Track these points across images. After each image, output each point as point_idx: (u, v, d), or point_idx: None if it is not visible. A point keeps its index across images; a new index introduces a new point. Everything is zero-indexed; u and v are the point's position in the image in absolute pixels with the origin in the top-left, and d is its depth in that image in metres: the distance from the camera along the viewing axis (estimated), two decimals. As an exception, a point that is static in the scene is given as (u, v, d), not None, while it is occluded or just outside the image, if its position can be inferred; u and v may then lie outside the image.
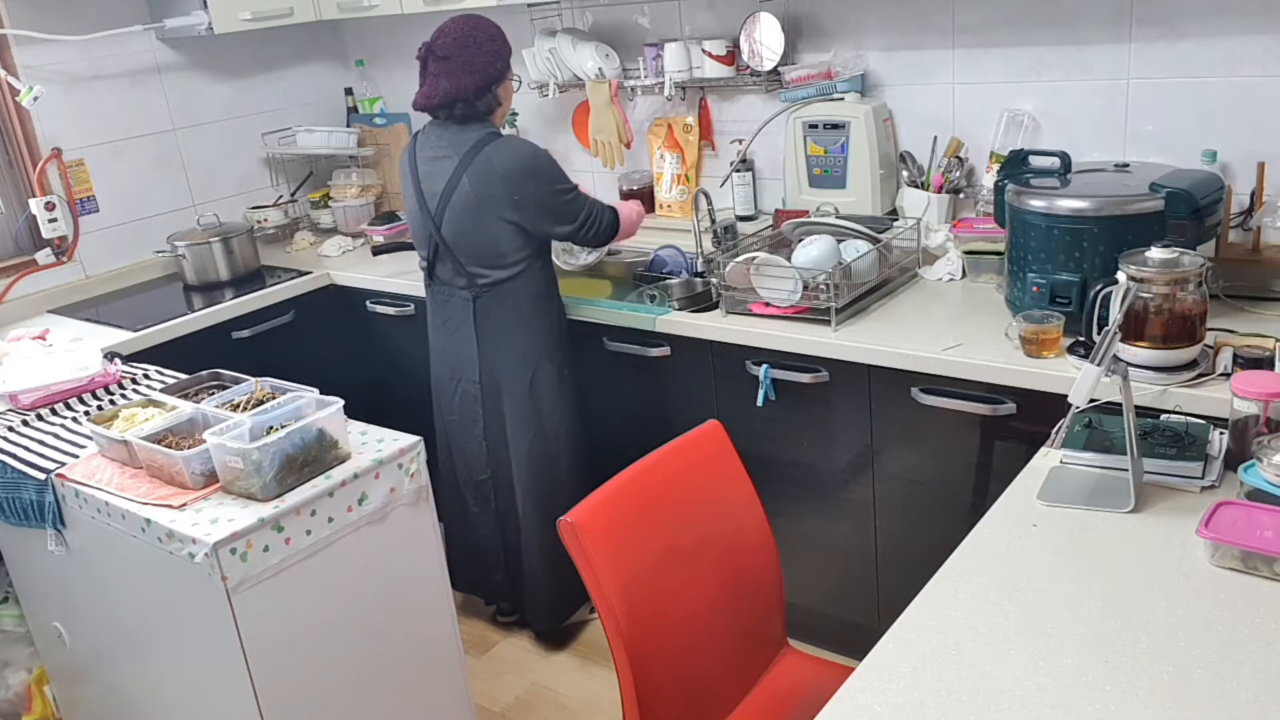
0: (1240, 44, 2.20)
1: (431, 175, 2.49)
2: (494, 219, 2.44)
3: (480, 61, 2.43)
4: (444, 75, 2.42)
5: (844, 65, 2.72)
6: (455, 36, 2.42)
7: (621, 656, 1.58)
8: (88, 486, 1.93)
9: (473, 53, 2.42)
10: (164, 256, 3.34)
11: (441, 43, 2.42)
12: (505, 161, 2.41)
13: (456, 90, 2.41)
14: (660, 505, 1.74)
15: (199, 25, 3.17)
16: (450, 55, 2.41)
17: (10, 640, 2.54)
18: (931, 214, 2.62)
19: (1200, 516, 1.45)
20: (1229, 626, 1.30)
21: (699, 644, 1.74)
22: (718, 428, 1.89)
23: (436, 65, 2.43)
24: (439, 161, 2.47)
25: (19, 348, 2.66)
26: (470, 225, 2.45)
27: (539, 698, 2.68)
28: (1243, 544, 1.38)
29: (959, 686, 1.24)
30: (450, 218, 2.46)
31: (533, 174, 2.44)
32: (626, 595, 1.60)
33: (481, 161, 2.41)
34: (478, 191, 2.41)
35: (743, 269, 2.41)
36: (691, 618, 1.73)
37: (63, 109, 3.17)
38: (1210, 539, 1.41)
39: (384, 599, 2.02)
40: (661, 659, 1.65)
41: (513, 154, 2.43)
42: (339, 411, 1.94)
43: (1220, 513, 1.45)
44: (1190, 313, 1.80)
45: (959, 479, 2.21)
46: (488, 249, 2.48)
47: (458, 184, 2.43)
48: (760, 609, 1.89)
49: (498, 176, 2.40)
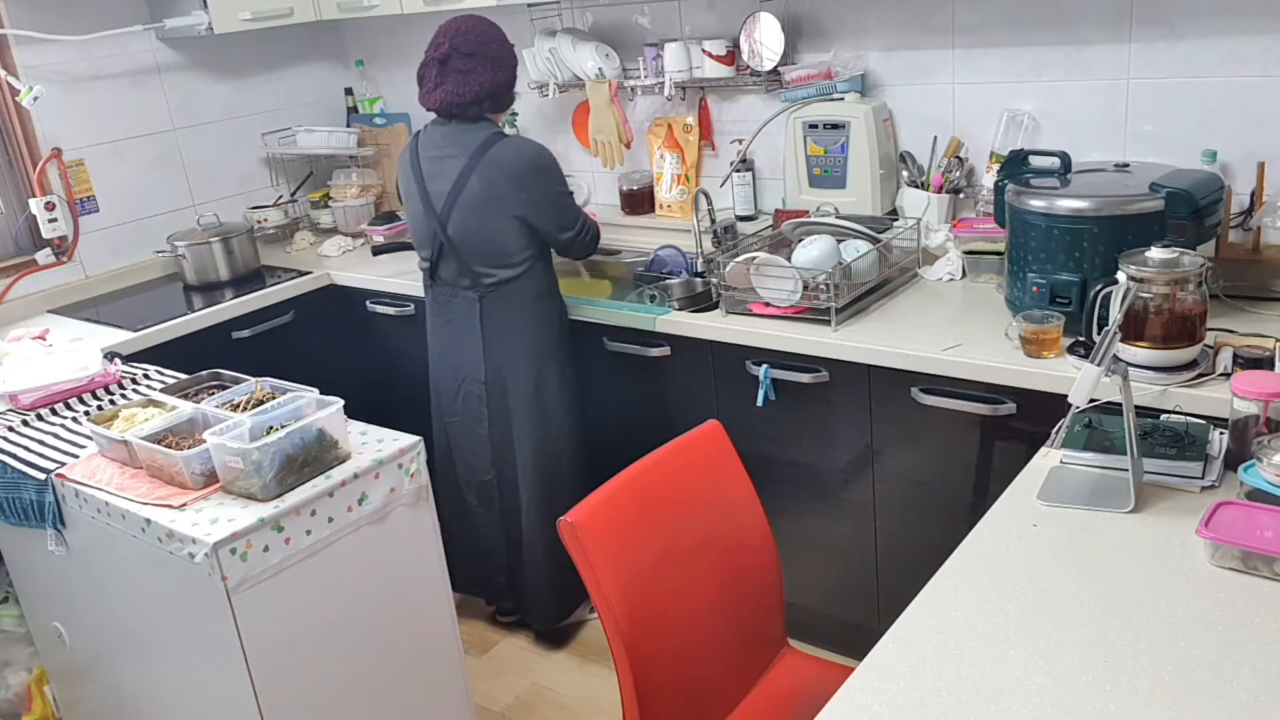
0: (1240, 44, 2.20)
1: (436, 175, 2.49)
2: (502, 217, 2.44)
3: (506, 57, 2.48)
4: (472, 72, 2.42)
5: (844, 65, 2.72)
6: (478, 34, 2.43)
7: (621, 656, 1.59)
8: (88, 486, 1.93)
9: (498, 48, 2.46)
10: (164, 256, 3.34)
11: (464, 40, 2.42)
12: (513, 160, 2.42)
13: (488, 87, 2.44)
14: (660, 505, 1.74)
15: (199, 25, 3.17)
16: (476, 52, 2.42)
17: (10, 640, 2.54)
18: (931, 214, 2.62)
19: (1200, 516, 1.45)
20: (1229, 626, 1.30)
21: (699, 644, 1.74)
22: (718, 428, 1.89)
23: (463, 62, 2.42)
24: (444, 161, 2.47)
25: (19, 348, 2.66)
26: (477, 224, 2.46)
27: (539, 698, 2.68)
28: (1242, 544, 1.38)
29: (959, 686, 1.24)
30: (457, 217, 2.47)
31: (539, 172, 2.45)
32: (626, 595, 1.60)
33: (489, 160, 2.41)
34: (485, 190, 2.42)
35: (743, 269, 2.41)
36: (691, 618, 1.73)
37: (63, 109, 3.16)
38: (1210, 539, 1.41)
39: (384, 599, 2.02)
40: (661, 659, 1.65)
41: (519, 152, 2.44)
42: (339, 411, 1.94)
43: (1220, 513, 1.45)
44: (1190, 313, 1.80)
45: (959, 479, 2.21)
46: (494, 248, 2.48)
47: (465, 183, 2.43)
48: (760, 609, 1.89)
49: (506, 175, 2.41)
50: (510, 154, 2.43)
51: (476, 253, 2.49)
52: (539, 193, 2.45)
